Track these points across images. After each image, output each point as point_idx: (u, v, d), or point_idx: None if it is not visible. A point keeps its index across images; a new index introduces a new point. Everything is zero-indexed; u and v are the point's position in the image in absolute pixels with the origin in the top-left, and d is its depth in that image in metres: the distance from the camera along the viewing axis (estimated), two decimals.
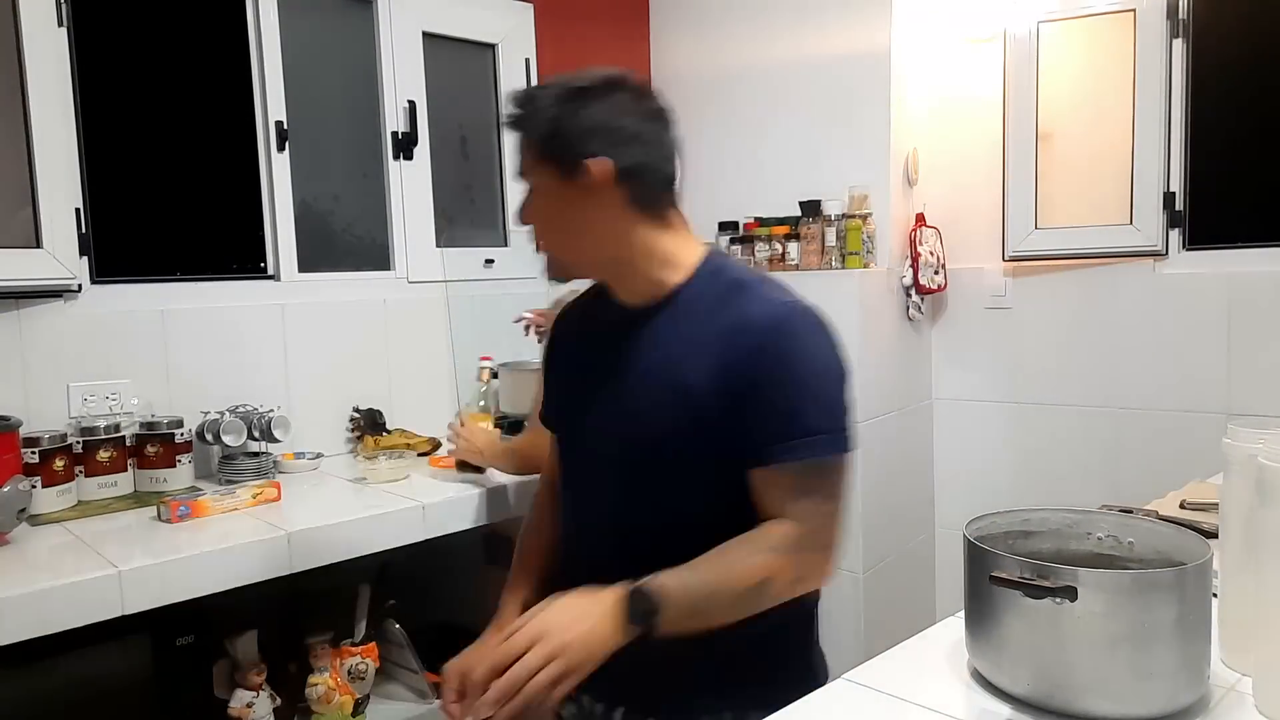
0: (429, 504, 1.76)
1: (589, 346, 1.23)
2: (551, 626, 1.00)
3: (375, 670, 1.85)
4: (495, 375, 2.36)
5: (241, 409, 1.98)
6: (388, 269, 2.44)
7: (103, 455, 1.81)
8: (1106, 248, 2.51)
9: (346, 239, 2.39)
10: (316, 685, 1.76)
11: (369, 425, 2.25)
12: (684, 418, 1.07)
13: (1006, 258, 2.66)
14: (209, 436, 1.91)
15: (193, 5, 2.08)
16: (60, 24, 1.85)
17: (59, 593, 1.33)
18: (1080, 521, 1.06)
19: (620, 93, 1.11)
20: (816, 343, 1.08)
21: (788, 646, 1.18)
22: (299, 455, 2.07)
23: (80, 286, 1.89)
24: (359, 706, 1.81)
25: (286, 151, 2.21)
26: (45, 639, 1.31)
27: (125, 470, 1.85)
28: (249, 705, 1.67)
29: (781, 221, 2.72)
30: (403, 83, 2.44)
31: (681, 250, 1.14)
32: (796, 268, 2.66)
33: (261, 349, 2.16)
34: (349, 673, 1.80)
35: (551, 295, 2.64)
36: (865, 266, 2.56)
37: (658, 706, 1.16)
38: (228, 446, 1.92)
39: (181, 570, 1.45)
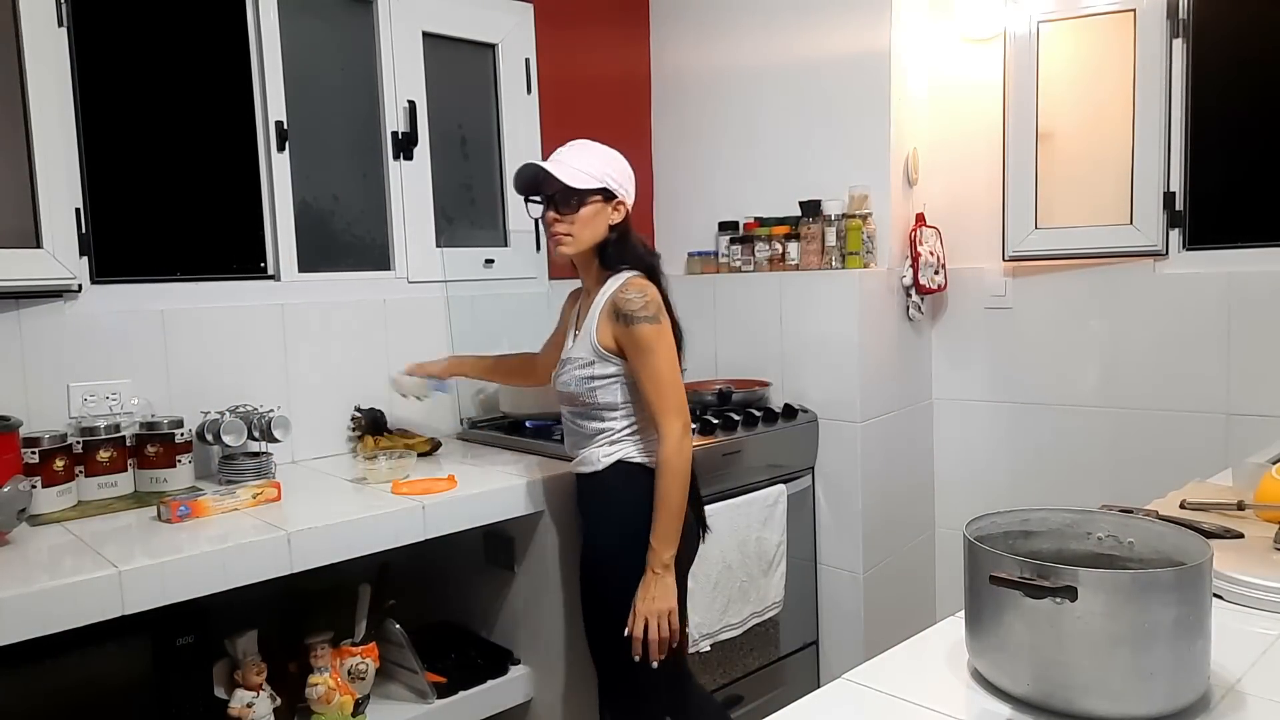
0: (429, 504, 1.76)
1: None
2: None
3: (375, 670, 1.85)
4: None
5: (241, 409, 1.98)
6: (388, 269, 2.44)
7: (103, 455, 1.81)
8: (1106, 248, 2.51)
9: (346, 239, 2.39)
10: (316, 685, 1.76)
11: (370, 425, 2.25)
12: None
13: (1006, 258, 2.66)
14: (209, 436, 1.91)
15: (193, 5, 2.08)
16: (60, 24, 1.85)
17: (59, 593, 1.33)
18: (1080, 521, 1.06)
19: None
20: None
21: None
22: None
23: (80, 286, 1.89)
24: (359, 706, 1.81)
25: (286, 151, 2.22)
26: (45, 639, 1.32)
27: (125, 470, 1.85)
28: (249, 705, 1.67)
29: (781, 221, 2.72)
30: (403, 83, 2.44)
31: None
32: (796, 268, 2.66)
33: (261, 349, 2.16)
34: (349, 673, 1.80)
35: (553, 295, 2.64)
36: (865, 266, 2.56)
37: None
38: (228, 446, 1.92)
39: (181, 570, 1.45)
